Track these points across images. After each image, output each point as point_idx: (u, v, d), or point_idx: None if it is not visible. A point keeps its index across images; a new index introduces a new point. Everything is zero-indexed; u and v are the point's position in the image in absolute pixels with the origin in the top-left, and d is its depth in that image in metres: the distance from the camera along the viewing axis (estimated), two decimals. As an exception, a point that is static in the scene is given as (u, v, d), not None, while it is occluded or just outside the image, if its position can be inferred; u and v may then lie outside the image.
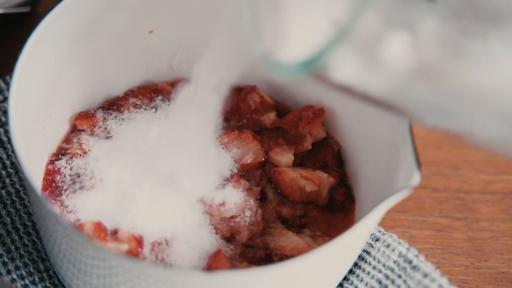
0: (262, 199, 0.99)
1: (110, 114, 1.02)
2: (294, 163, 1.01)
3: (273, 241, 0.94)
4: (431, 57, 0.67)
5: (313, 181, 0.98)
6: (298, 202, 0.99)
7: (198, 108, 1.05)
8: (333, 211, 1.00)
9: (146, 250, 0.91)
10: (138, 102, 1.04)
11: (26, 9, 1.12)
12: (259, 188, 0.98)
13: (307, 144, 1.02)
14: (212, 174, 0.97)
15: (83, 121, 1.00)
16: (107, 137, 0.99)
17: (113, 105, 1.05)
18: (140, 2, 1.00)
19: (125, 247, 0.89)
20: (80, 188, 0.95)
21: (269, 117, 1.05)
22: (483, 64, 0.68)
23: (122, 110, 1.02)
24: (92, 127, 1.00)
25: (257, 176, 0.99)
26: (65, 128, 1.02)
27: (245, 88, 1.06)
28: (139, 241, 0.90)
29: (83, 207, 0.94)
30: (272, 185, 0.99)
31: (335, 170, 1.01)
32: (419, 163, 0.83)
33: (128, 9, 1.00)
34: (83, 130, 1.00)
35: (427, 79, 0.69)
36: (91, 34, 0.99)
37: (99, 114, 1.02)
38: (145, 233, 0.91)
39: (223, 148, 0.99)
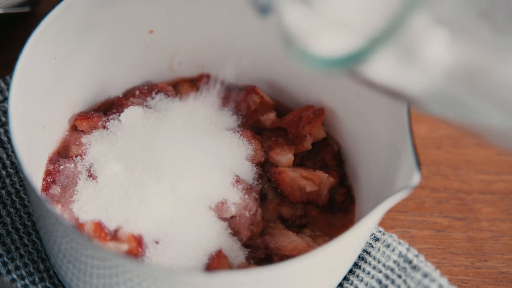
0: (262, 199, 0.99)
1: (110, 114, 1.02)
2: (294, 163, 1.01)
3: (273, 241, 0.94)
4: (473, 56, 0.66)
5: (313, 181, 0.98)
6: (298, 202, 0.99)
7: (203, 105, 1.05)
8: (333, 211, 1.00)
9: (146, 249, 0.91)
10: (138, 102, 1.04)
11: (26, 9, 1.12)
12: (259, 188, 0.98)
13: (307, 144, 1.02)
14: (216, 171, 0.96)
15: (83, 122, 1.00)
16: (107, 137, 0.99)
17: (113, 105, 1.05)
18: (140, 2, 1.00)
19: (125, 247, 0.89)
20: (80, 188, 0.95)
21: (269, 117, 1.05)
22: None
23: (122, 110, 1.02)
24: (92, 127, 1.00)
25: (257, 176, 0.99)
26: (65, 128, 1.02)
27: (245, 88, 1.06)
28: (139, 241, 0.90)
29: (83, 207, 0.94)
30: (272, 185, 0.99)
31: (335, 170, 1.01)
32: (419, 163, 0.83)
33: (128, 9, 1.00)
34: (83, 131, 1.00)
35: (466, 79, 0.67)
36: (91, 34, 0.99)
37: (99, 115, 1.02)
38: (145, 233, 0.91)
39: (237, 143, 1.00)
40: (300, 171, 0.99)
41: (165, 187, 0.94)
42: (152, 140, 0.98)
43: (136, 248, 0.90)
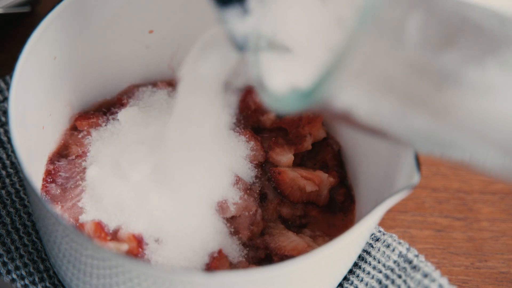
0: (262, 199, 0.99)
1: (110, 114, 1.02)
2: (294, 163, 1.01)
3: (273, 241, 0.94)
4: (424, 84, 0.66)
5: (313, 181, 0.98)
6: (298, 202, 0.99)
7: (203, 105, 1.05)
8: (333, 211, 1.00)
9: (146, 249, 0.91)
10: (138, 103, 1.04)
11: (26, 9, 1.12)
12: (259, 188, 0.98)
13: (307, 144, 1.02)
14: (216, 171, 0.96)
15: (83, 122, 1.00)
16: (107, 137, 0.99)
17: (113, 105, 1.04)
18: (140, 2, 1.00)
19: (125, 247, 0.89)
20: (80, 188, 0.95)
21: (269, 117, 1.05)
22: (480, 91, 0.66)
23: (121, 110, 1.02)
24: (92, 127, 1.00)
25: (257, 176, 0.99)
26: (65, 128, 1.02)
27: (245, 88, 1.06)
28: (139, 241, 0.90)
29: (83, 206, 0.94)
30: (272, 185, 0.99)
31: (335, 170, 1.01)
32: (419, 163, 0.83)
33: (128, 9, 1.00)
34: (83, 131, 1.00)
35: (423, 108, 0.67)
36: (91, 34, 0.99)
37: (99, 114, 1.02)
38: (145, 232, 0.91)
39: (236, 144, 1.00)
40: (300, 171, 0.99)
41: (165, 187, 0.94)
42: (152, 140, 0.98)
43: (136, 248, 0.90)
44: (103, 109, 1.05)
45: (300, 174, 0.99)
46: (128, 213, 0.92)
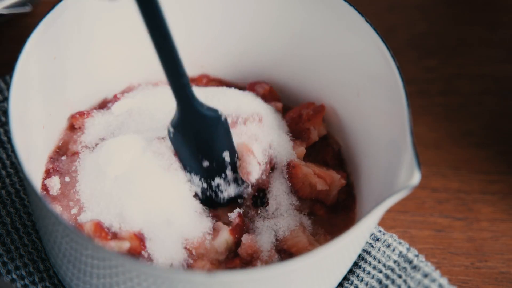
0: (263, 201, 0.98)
1: (107, 110, 1.02)
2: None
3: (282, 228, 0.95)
4: None
5: (324, 180, 0.97)
6: (306, 198, 0.98)
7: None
8: (335, 211, 1.00)
9: (148, 247, 0.90)
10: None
11: (26, 9, 1.12)
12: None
13: (314, 136, 1.01)
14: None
15: (79, 118, 1.00)
16: (103, 133, 0.99)
17: (110, 102, 1.04)
18: (140, 2, 1.00)
19: (126, 245, 0.89)
20: (80, 187, 0.95)
21: (277, 106, 1.04)
22: None
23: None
24: (89, 124, 1.00)
25: (267, 169, 0.98)
26: (65, 128, 1.02)
27: (246, 87, 1.06)
28: (140, 239, 0.90)
29: (83, 206, 0.93)
30: (284, 177, 0.98)
31: (338, 170, 1.01)
32: (419, 163, 0.83)
33: (127, 9, 1.00)
34: (80, 128, 1.00)
35: None
36: (90, 34, 0.99)
37: (95, 111, 1.01)
38: (146, 230, 0.91)
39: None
40: (314, 167, 0.98)
41: (166, 184, 0.93)
42: (150, 133, 0.97)
43: (139, 245, 0.89)
44: (103, 108, 1.05)
45: (313, 170, 0.97)
46: (129, 212, 0.91)
